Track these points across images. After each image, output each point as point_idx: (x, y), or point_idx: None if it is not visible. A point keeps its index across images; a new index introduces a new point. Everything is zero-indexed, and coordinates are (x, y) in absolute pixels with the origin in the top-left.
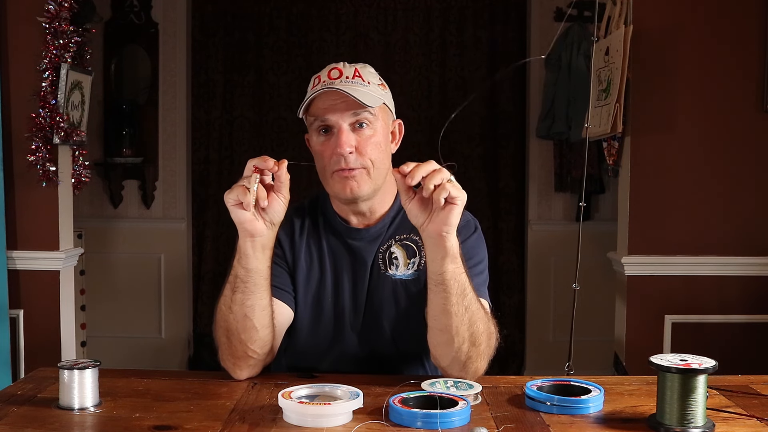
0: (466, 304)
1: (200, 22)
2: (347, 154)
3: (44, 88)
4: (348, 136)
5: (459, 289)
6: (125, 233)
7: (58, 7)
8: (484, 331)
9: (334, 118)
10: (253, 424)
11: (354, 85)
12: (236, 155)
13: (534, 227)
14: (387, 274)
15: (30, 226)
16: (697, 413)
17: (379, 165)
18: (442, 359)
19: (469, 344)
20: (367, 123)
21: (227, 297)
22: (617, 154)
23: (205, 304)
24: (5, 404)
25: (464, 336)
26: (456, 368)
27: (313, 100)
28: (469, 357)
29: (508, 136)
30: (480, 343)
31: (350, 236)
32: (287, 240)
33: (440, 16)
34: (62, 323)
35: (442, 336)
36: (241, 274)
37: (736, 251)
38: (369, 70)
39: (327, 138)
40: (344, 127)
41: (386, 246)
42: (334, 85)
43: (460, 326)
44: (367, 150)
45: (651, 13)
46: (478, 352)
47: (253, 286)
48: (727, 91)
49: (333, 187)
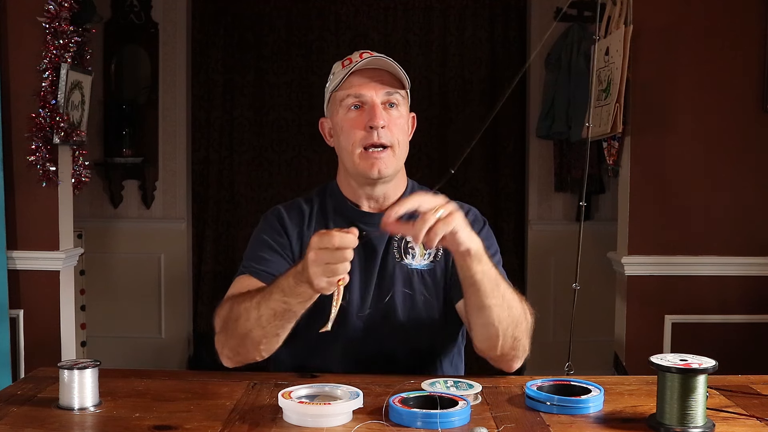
0: (502, 293)
1: (200, 22)
2: (380, 128)
3: (44, 88)
4: (381, 111)
5: (492, 285)
6: (125, 233)
7: (58, 7)
8: (522, 311)
9: (369, 93)
10: (253, 424)
11: (388, 59)
12: (236, 155)
13: (534, 227)
14: (403, 263)
15: (30, 226)
16: (697, 413)
17: (403, 146)
18: (491, 351)
19: (513, 328)
20: (396, 105)
21: (263, 318)
22: (617, 154)
23: (205, 304)
24: (5, 404)
25: (507, 323)
26: (507, 355)
27: (347, 77)
28: (516, 338)
29: (508, 136)
30: (521, 323)
31: (361, 220)
32: (295, 230)
33: (440, 16)
34: (62, 323)
35: (487, 330)
36: (282, 309)
37: (736, 251)
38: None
39: (358, 114)
40: (378, 102)
41: (401, 235)
42: (370, 60)
43: (501, 315)
44: (395, 129)
45: (651, 13)
46: (521, 330)
47: (292, 317)
48: (727, 91)
49: (359, 165)
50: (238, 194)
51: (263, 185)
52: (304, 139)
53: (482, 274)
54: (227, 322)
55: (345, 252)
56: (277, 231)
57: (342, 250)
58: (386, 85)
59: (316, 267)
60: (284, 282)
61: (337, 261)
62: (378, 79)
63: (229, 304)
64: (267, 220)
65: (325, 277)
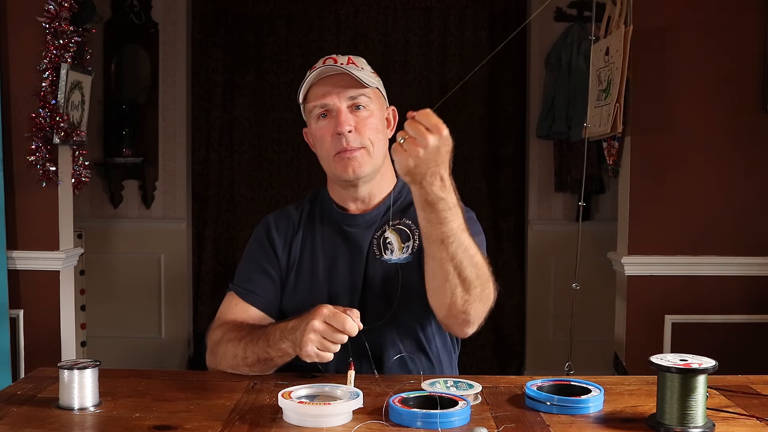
0: (452, 252)
1: (200, 22)
2: (347, 133)
3: (44, 88)
4: (346, 116)
5: (438, 237)
6: (125, 233)
7: (58, 7)
8: (477, 276)
9: (332, 100)
10: (253, 424)
11: (348, 68)
12: (236, 155)
13: (534, 227)
14: (382, 259)
15: (30, 226)
16: (697, 413)
17: (378, 145)
18: (439, 309)
19: (462, 289)
20: (363, 105)
21: (248, 359)
22: (617, 154)
23: (205, 305)
24: (5, 404)
25: (455, 283)
26: (454, 316)
27: (310, 88)
28: (466, 301)
29: (508, 136)
30: (473, 288)
31: (346, 223)
32: (281, 241)
33: (440, 16)
34: (62, 323)
35: (433, 282)
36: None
37: (736, 251)
38: (361, 60)
39: (326, 122)
40: (343, 107)
41: (380, 232)
42: (330, 68)
43: (448, 274)
44: (365, 130)
45: (651, 13)
46: (473, 296)
47: (273, 365)
48: (727, 91)
49: (335, 169)
50: (238, 194)
51: (263, 185)
52: (304, 139)
53: (425, 222)
54: (216, 350)
55: (344, 336)
56: (264, 247)
57: (343, 334)
58: (349, 87)
59: (314, 335)
60: (271, 333)
61: (335, 341)
62: (341, 84)
63: (219, 334)
64: (257, 233)
65: (316, 348)
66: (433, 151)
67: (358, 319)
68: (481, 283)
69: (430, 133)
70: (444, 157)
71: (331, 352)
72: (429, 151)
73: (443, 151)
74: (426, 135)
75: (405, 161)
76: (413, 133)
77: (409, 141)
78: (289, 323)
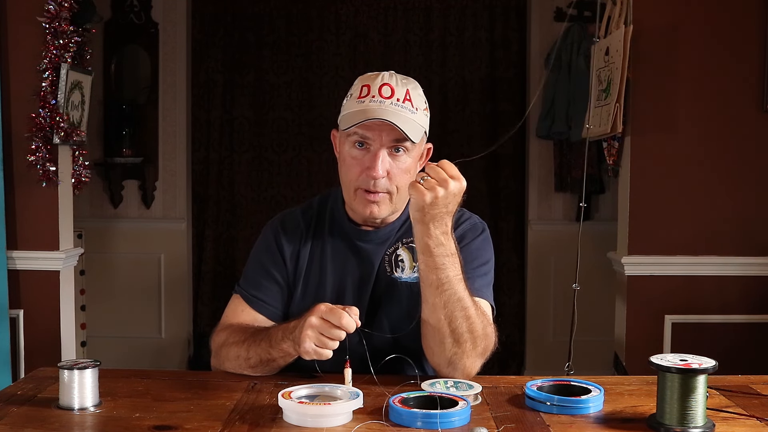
0: (445, 300)
1: (200, 22)
2: (380, 178)
3: (44, 88)
4: (384, 161)
5: (433, 283)
6: (125, 233)
7: (58, 7)
8: (469, 331)
9: (375, 140)
10: (253, 424)
11: (403, 111)
12: (236, 155)
13: (534, 227)
14: (393, 277)
15: (30, 226)
16: (697, 413)
17: (403, 189)
18: (428, 354)
19: (452, 341)
20: (405, 150)
21: (251, 360)
22: (617, 154)
23: (205, 305)
24: (5, 404)
25: (445, 332)
26: (443, 366)
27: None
28: (455, 354)
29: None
30: (464, 342)
31: (359, 238)
32: (289, 248)
33: (440, 16)
34: (62, 323)
35: (424, 325)
36: (267, 358)
37: (736, 251)
38: (418, 93)
39: (361, 153)
40: (383, 152)
41: (393, 249)
42: (384, 108)
43: (439, 322)
44: (396, 176)
45: (651, 13)
46: (462, 350)
47: (276, 367)
48: (727, 91)
49: (353, 201)
50: (238, 194)
51: (263, 185)
52: (304, 139)
53: (424, 266)
54: (220, 352)
55: (342, 332)
56: (271, 251)
57: (341, 329)
58: (397, 134)
59: (311, 332)
60: (273, 333)
61: (332, 337)
62: (390, 125)
63: (224, 336)
64: (265, 236)
65: (314, 344)
66: (451, 194)
67: (356, 316)
68: (473, 338)
69: (452, 179)
70: (455, 206)
71: (329, 348)
72: (448, 193)
73: (457, 198)
74: (447, 178)
75: (423, 196)
76: (435, 176)
77: (430, 181)
78: (290, 323)
